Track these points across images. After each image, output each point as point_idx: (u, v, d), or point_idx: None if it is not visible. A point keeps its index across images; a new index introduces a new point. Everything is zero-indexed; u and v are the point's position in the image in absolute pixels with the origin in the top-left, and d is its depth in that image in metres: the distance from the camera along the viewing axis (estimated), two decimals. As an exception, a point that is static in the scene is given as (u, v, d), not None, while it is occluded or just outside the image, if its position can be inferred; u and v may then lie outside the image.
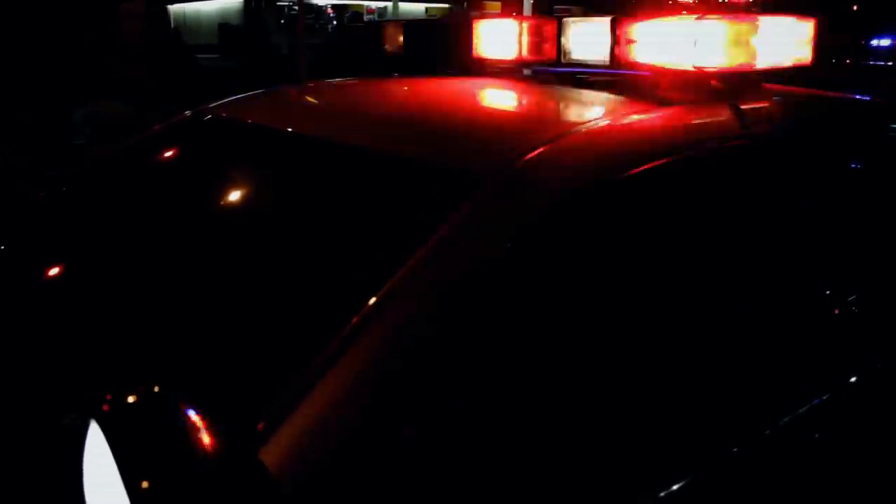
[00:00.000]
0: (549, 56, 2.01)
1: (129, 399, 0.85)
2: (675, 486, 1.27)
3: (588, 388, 1.31)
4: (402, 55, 2.33)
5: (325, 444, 1.03)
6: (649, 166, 1.49)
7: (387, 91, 2.39)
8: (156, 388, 0.89)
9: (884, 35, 11.74)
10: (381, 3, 28.79)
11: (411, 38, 2.23)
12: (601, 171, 1.45)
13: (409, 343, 1.14)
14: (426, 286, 1.20)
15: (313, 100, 2.39)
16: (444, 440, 1.14)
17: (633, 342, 1.39)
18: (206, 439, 0.83)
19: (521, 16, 2.40)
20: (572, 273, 1.38)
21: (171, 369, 1.27)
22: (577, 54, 1.93)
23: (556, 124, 1.78)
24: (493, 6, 20.42)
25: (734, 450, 1.39)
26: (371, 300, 1.17)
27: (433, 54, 2.40)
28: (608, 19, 1.82)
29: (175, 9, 20.17)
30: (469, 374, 1.19)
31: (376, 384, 1.09)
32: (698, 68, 1.69)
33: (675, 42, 1.70)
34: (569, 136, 1.49)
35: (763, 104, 1.85)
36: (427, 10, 27.24)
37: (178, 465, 0.81)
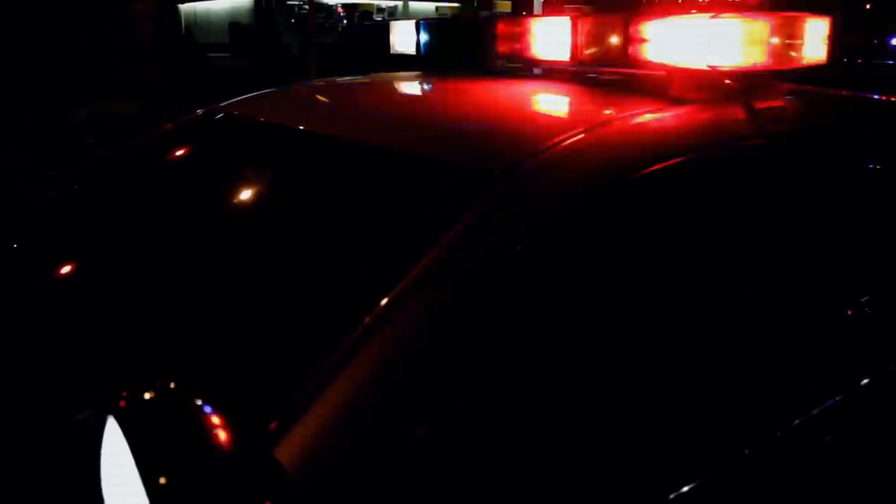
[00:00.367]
0: (564, 55, 2.00)
1: (146, 396, 0.85)
2: (685, 488, 1.26)
3: (600, 389, 1.31)
4: (414, 54, 2.33)
5: (337, 444, 1.03)
6: (663, 166, 1.48)
7: (399, 89, 2.39)
8: (171, 385, 0.89)
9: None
10: (391, 3, 28.81)
11: (425, 37, 2.23)
12: (614, 170, 1.44)
13: (421, 343, 1.14)
14: (439, 286, 1.19)
15: (326, 98, 2.39)
16: (455, 440, 1.14)
17: (645, 343, 1.38)
18: (222, 436, 0.83)
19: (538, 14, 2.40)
20: (585, 273, 1.37)
21: (183, 368, 1.27)
22: (591, 53, 1.92)
23: (569, 123, 1.77)
24: (504, 6, 20.42)
25: (745, 451, 1.38)
26: (384, 300, 1.17)
27: (458, 55, 2.38)
28: (620, 18, 1.82)
29: (186, 8, 20.23)
30: (482, 375, 1.19)
31: (389, 385, 1.09)
32: (712, 67, 1.68)
33: (689, 41, 1.69)
34: (581, 135, 1.49)
35: (778, 103, 1.84)
36: (437, 9, 27.26)
37: (196, 461, 0.81)
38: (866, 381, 1.63)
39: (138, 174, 2.13)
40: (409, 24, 2.61)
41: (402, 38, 2.64)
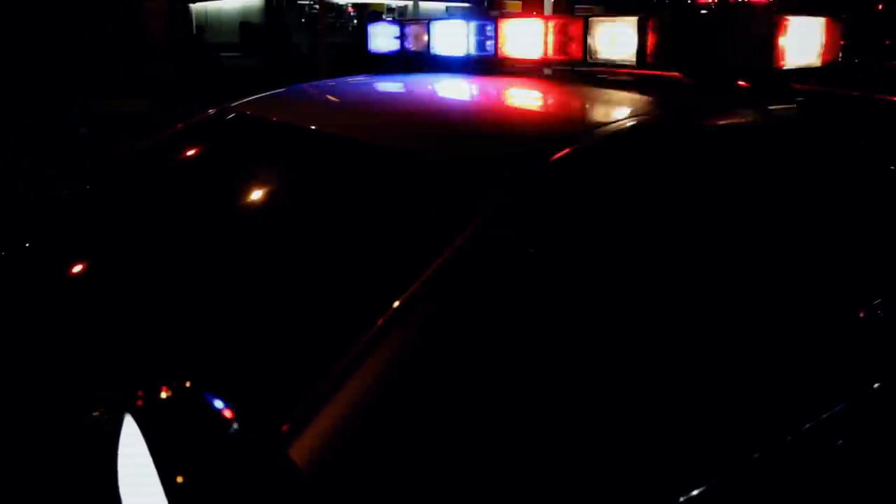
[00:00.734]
0: (575, 55, 2.00)
1: (163, 394, 0.86)
2: (694, 492, 1.26)
3: (612, 391, 1.30)
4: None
5: (350, 446, 1.03)
6: (674, 168, 1.48)
7: (410, 90, 2.39)
8: (187, 384, 0.90)
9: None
10: (401, 3, 28.82)
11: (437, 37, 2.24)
12: (626, 172, 1.44)
13: (434, 345, 1.13)
14: (451, 287, 1.19)
15: (337, 98, 2.40)
16: (469, 442, 1.13)
17: (656, 345, 1.38)
18: (239, 435, 0.84)
19: (548, 15, 2.39)
20: (600, 272, 1.37)
21: (195, 368, 1.27)
22: (604, 54, 1.92)
23: (584, 123, 1.77)
24: (514, 6, 20.38)
25: (755, 455, 1.37)
26: (396, 302, 1.17)
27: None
28: (635, 19, 1.81)
29: (197, 7, 20.31)
30: (494, 377, 1.19)
31: (401, 386, 1.09)
32: (725, 69, 1.68)
33: (703, 42, 1.69)
34: (596, 135, 1.49)
35: (792, 104, 1.84)
36: (447, 9, 27.23)
37: (214, 459, 0.81)
38: (878, 384, 1.62)
39: (151, 173, 2.14)
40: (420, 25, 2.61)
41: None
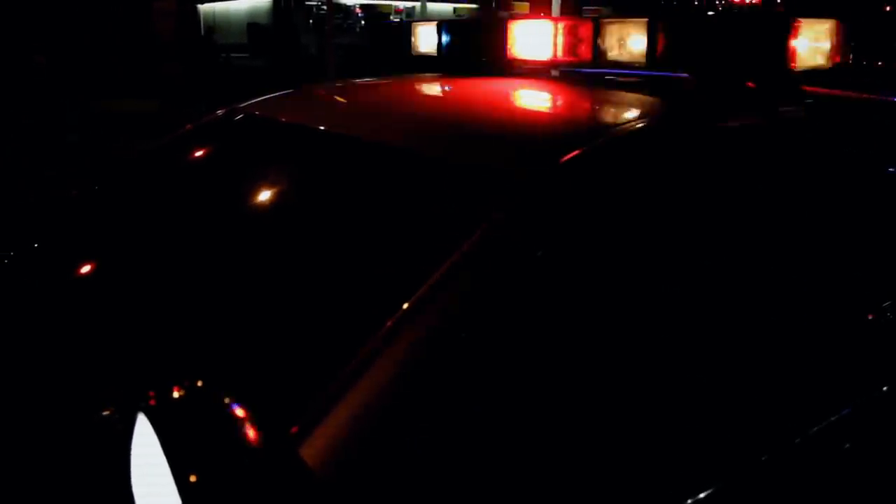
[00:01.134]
0: (585, 57, 2.00)
1: (176, 393, 0.86)
2: (701, 494, 1.26)
3: (619, 394, 1.30)
4: (435, 55, 2.32)
5: (360, 446, 1.04)
6: (685, 170, 1.48)
7: (422, 90, 2.39)
8: (199, 384, 0.90)
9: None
10: (409, 3, 28.84)
11: (448, 38, 2.23)
12: (641, 172, 1.44)
13: (443, 347, 1.13)
14: (464, 288, 1.20)
15: (347, 99, 2.40)
16: (477, 443, 1.14)
17: (665, 348, 1.38)
18: (251, 434, 0.84)
19: (557, 16, 2.39)
20: (612, 274, 1.37)
21: (203, 369, 1.28)
22: (613, 55, 1.92)
23: (596, 125, 1.77)
24: (522, 7, 20.39)
25: (763, 458, 1.37)
26: (406, 304, 1.16)
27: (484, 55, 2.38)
28: (645, 21, 1.81)
29: (205, 8, 20.38)
30: (503, 379, 1.19)
31: (410, 387, 1.09)
32: (734, 70, 1.68)
33: (711, 44, 1.69)
34: (608, 137, 1.49)
35: (798, 106, 1.84)
36: (455, 9, 27.24)
37: (227, 458, 0.82)
38: (887, 387, 1.62)
39: (161, 173, 2.15)
40: (431, 26, 2.61)
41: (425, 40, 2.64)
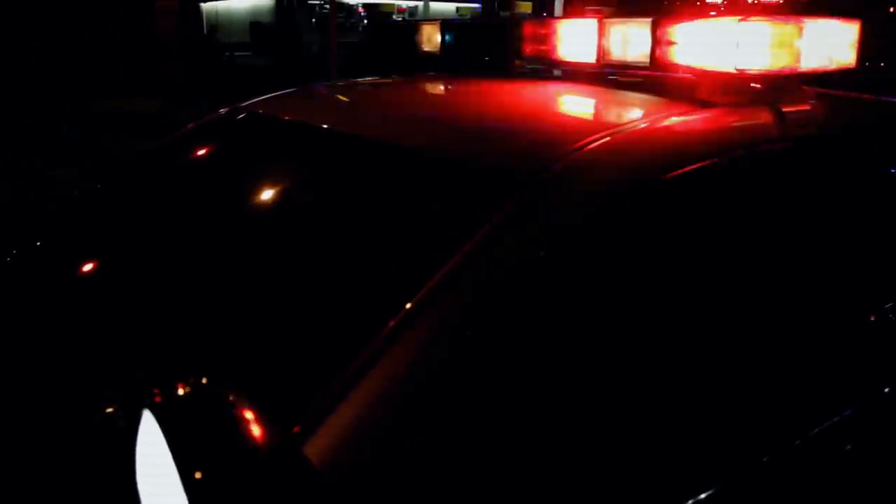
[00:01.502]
0: (587, 57, 2.00)
1: (181, 390, 0.86)
2: (702, 495, 1.25)
3: (623, 394, 1.30)
4: (438, 55, 2.32)
5: (363, 446, 1.03)
6: (690, 169, 1.48)
7: (425, 90, 2.39)
8: (204, 381, 0.90)
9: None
10: (411, 3, 28.86)
11: (452, 39, 2.23)
12: (644, 172, 1.44)
13: (446, 346, 1.13)
14: (464, 289, 1.19)
15: (351, 98, 2.40)
16: (480, 442, 1.14)
17: (669, 347, 1.38)
18: (256, 432, 0.84)
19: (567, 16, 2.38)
20: (614, 275, 1.37)
21: (206, 366, 1.28)
22: (618, 56, 1.92)
23: (599, 125, 1.77)
24: (525, 6, 20.39)
25: (764, 459, 1.37)
26: (409, 303, 1.16)
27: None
28: (649, 21, 1.81)
29: (207, 7, 20.41)
30: (507, 378, 1.19)
31: (414, 387, 1.09)
32: (740, 70, 1.67)
33: (717, 44, 1.68)
34: (608, 138, 1.49)
35: (805, 107, 1.83)
36: (458, 9, 27.27)
37: (232, 455, 0.82)
38: (888, 388, 1.62)
39: (164, 172, 2.15)
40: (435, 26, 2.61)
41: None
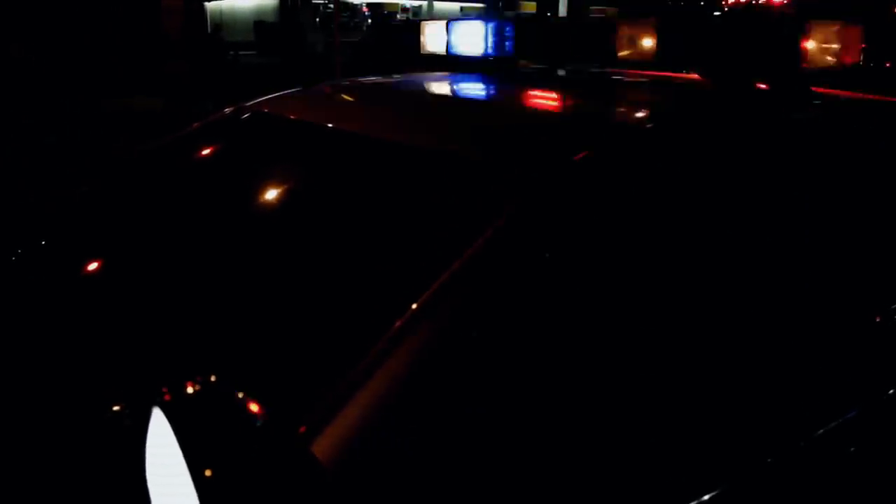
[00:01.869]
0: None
1: (190, 389, 0.87)
2: (706, 496, 1.25)
3: (626, 395, 1.30)
4: (444, 54, 2.32)
5: (369, 445, 1.04)
6: (696, 169, 1.48)
7: (429, 89, 2.39)
8: (212, 379, 0.91)
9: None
10: (415, 2, 28.87)
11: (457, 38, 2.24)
12: (653, 170, 1.44)
13: (451, 346, 1.13)
14: (471, 289, 1.20)
15: (356, 97, 2.40)
16: (485, 442, 1.14)
17: (672, 349, 1.38)
18: (266, 430, 0.85)
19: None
20: (623, 273, 1.37)
21: (214, 365, 1.28)
22: (624, 55, 1.92)
23: (602, 125, 1.77)
24: (529, 6, 20.40)
25: (768, 460, 1.37)
26: (415, 304, 1.16)
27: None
28: (656, 20, 1.82)
29: (212, 6, 20.41)
30: (512, 378, 1.19)
31: (419, 387, 1.09)
32: (746, 70, 1.68)
33: (722, 44, 1.69)
34: (614, 138, 1.49)
35: (809, 107, 1.84)
36: (462, 9, 27.27)
37: (242, 453, 0.82)
38: (894, 391, 1.61)
39: (169, 171, 2.15)
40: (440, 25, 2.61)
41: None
